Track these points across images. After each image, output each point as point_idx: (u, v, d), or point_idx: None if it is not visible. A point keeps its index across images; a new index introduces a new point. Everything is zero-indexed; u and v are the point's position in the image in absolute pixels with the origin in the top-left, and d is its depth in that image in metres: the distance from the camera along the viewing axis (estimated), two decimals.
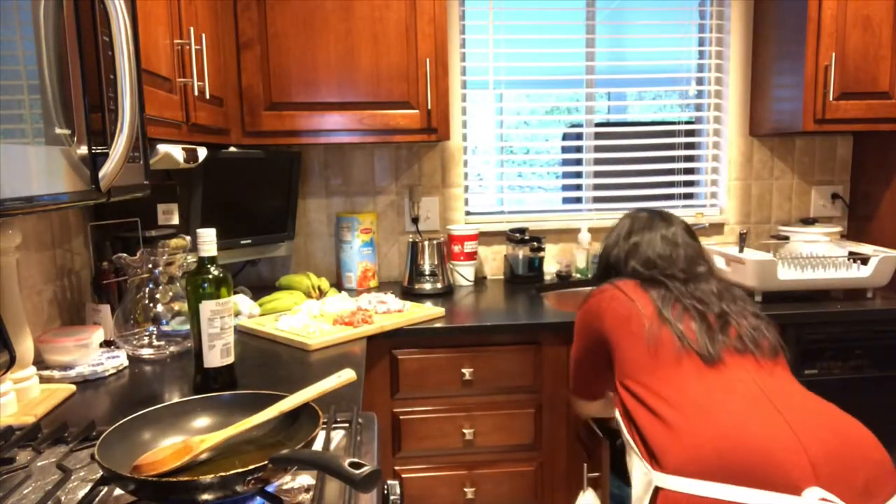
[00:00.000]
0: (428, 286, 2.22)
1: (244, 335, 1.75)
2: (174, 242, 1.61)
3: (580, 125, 2.60)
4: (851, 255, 2.04)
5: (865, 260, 2.02)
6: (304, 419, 0.97)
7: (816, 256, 2.03)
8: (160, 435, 0.95)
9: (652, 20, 2.56)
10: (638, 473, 1.19)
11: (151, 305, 1.53)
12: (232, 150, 1.98)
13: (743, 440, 1.07)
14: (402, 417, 1.84)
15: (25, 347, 1.24)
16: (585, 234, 2.45)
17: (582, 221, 2.52)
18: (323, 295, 2.13)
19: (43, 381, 1.33)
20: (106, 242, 1.67)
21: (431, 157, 2.46)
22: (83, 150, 0.81)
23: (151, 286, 1.54)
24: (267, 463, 0.79)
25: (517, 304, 2.06)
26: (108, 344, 1.58)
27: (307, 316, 1.78)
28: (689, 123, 2.64)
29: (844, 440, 1.09)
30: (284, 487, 0.89)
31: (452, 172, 2.48)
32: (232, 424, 0.93)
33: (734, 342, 1.25)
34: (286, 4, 1.99)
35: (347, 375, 1.04)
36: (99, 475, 0.90)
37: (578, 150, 2.60)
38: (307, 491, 0.88)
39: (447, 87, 2.06)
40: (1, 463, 0.96)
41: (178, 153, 1.41)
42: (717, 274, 1.45)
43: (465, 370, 1.83)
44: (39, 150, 0.71)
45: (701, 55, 2.60)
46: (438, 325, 1.83)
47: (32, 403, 1.21)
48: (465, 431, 1.85)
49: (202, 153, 1.60)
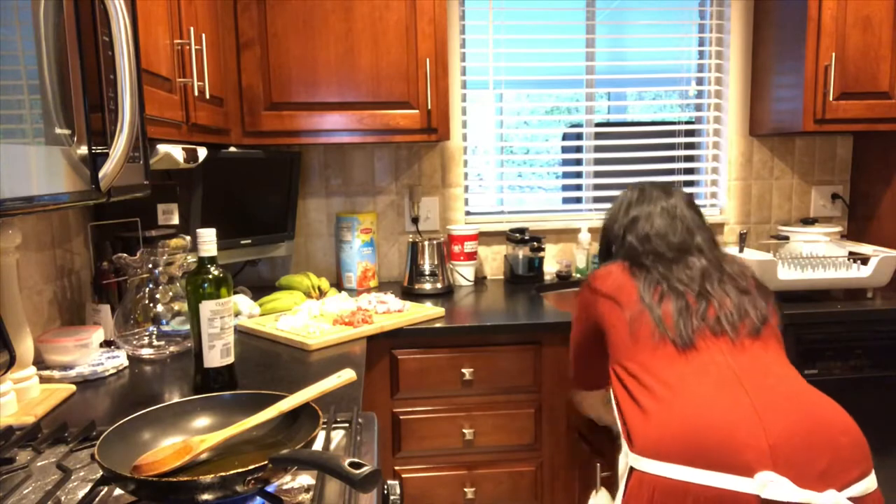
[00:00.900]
0: (428, 286, 2.22)
1: (244, 335, 1.75)
2: (174, 242, 1.61)
3: (580, 125, 2.60)
4: (851, 255, 2.04)
5: (865, 260, 2.02)
6: (304, 419, 0.97)
7: (816, 256, 2.03)
8: (160, 435, 0.95)
9: (652, 20, 2.56)
10: (621, 454, 1.23)
11: (151, 305, 1.53)
12: (232, 150, 1.98)
13: (705, 423, 1.09)
14: (402, 417, 1.84)
15: (25, 347, 1.24)
16: (585, 234, 2.45)
17: (582, 221, 2.52)
18: (323, 295, 2.13)
19: (43, 381, 1.34)
20: (106, 242, 1.67)
21: (431, 157, 2.46)
22: (83, 150, 0.81)
23: (151, 286, 1.54)
24: (267, 463, 0.79)
25: (517, 304, 2.06)
26: (108, 344, 1.58)
27: (307, 316, 1.79)
28: (689, 123, 2.64)
29: (813, 424, 1.09)
30: (284, 487, 0.89)
31: (452, 172, 2.48)
32: (232, 424, 0.93)
33: (711, 324, 1.26)
34: (286, 4, 1.99)
35: (347, 375, 1.04)
36: (99, 475, 0.90)
37: (578, 150, 2.60)
38: (307, 491, 0.88)
39: (447, 86, 2.06)
40: (1, 463, 0.96)
41: (178, 153, 1.41)
42: (716, 246, 1.47)
43: (465, 370, 1.83)
44: (39, 150, 0.72)
45: (701, 55, 2.60)
46: (438, 325, 1.83)
47: (32, 403, 1.21)
48: (465, 431, 1.85)
49: (202, 153, 1.60)
